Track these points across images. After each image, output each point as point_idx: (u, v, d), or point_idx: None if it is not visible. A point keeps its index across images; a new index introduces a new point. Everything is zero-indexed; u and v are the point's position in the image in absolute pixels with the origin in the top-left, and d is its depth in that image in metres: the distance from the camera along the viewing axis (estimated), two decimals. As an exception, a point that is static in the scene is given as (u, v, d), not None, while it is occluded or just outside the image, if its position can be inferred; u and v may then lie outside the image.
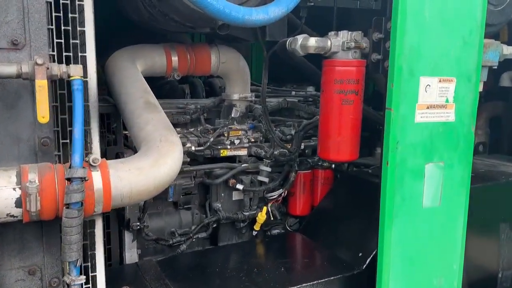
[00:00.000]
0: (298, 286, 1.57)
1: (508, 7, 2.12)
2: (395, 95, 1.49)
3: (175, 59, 1.86)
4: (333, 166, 2.23)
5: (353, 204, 2.07)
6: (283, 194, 2.12)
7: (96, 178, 1.10)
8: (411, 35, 1.48)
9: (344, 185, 2.21)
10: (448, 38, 1.56)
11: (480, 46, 1.64)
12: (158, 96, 2.35)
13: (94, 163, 1.10)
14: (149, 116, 1.37)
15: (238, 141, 2.06)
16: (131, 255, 1.86)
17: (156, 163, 1.19)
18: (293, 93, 2.49)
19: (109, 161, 1.17)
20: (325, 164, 2.22)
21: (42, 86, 0.99)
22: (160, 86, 2.41)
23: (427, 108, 1.57)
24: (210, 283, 1.63)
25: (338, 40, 1.55)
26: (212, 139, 1.93)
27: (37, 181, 1.03)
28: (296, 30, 1.92)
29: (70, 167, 1.06)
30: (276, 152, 2.04)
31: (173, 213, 2.09)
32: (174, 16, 1.62)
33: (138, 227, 1.80)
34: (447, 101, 1.60)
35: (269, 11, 1.36)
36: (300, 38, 1.55)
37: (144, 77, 1.78)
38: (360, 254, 1.77)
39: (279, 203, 2.17)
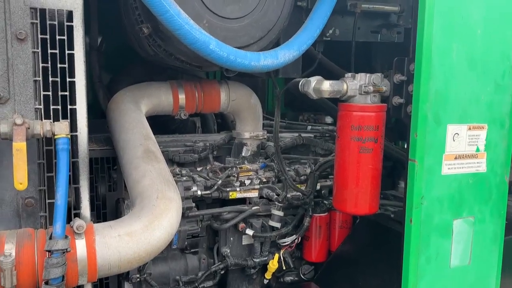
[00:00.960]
0: None
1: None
2: (419, 145, 1.33)
3: (182, 97, 1.76)
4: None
5: (373, 252, 1.90)
6: (296, 241, 1.97)
7: (80, 247, 0.99)
8: (437, 79, 1.33)
9: (363, 230, 2.04)
10: (478, 81, 1.40)
11: (515, 88, 1.48)
12: (167, 131, 2.25)
13: (79, 230, 0.99)
14: (146, 168, 1.26)
15: (249, 181, 1.93)
16: (131, 306, 1.73)
17: (149, 226, 1.07)
18: (309, 127, 2.35)
19: (96, 226, 1.05)
20: (342, 206, 2.06)
21: (19, 150, 0.90)
22: (170, 119, 2.32)
23: (455, 158, 1.41)
24: None
25: (355, 83, 1.41)
26: (220, 182, 1.81)
27: (13, 254, 0.92)
28: (313, 62, 1.80)
29: (50, 238, 0.95)
30: (289, 195, 1.90)
31: (178, 258, 1.96)
32: (180, 56, 1.52)
33: (138, 279, 1.68)
34: (477, 150, 1.44)
35: (278, 55, 1.24)
36: (313, 81, 1.42)
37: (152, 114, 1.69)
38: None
39: (293, 250, 2.01)
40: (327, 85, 1.38)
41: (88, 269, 0.99)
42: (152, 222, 1.08)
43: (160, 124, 2.15)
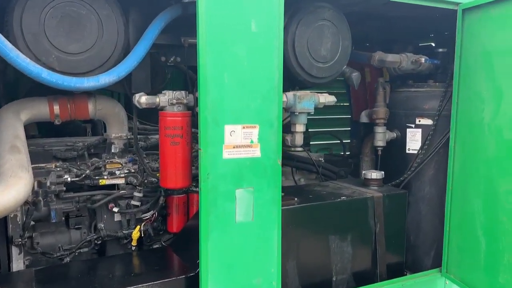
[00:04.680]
0: (136, 286, 2.04)
1: (336, 63, 2.69)
2: (202, 139, 2.00)
3: (56, 107, 2.35)
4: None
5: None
6: (155, 215, 2.60)
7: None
8: (213, 95, 2.00)
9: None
10: (249, 95, 2.09)
11: (280, 100, 2.18)
12: (62, 134, 2.83)
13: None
14: (9, 157, 1.85)
15: (118, 172, 2.55)
16: (17, 265, 2.30)
17: (1, 193, 1.66)
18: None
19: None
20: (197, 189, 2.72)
21: None
22: (65, 125, 2.91)
23: (234, 147, 2.08)
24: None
25: (166, 98, 2.08)
26: (88, 172, 2.42)
27: None
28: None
29: None
30: (146, 180, 2.53)
31: (64, 232, 2.55)
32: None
33: (20, 243, 2.25)
34: (252, 142, 2.12)
35: (100, 79, 1.88)
36: (138, 96, 2.08)
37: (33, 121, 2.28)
38: (198, 261, 2.24)
39: (152, 223, 2.64)
40: (144, 99, 2.04)
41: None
42: (3, 191, 1.67)
43: (56, 129, 2.73)
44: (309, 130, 4.86)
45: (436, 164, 3.02)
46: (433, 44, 3.72)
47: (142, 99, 2.04)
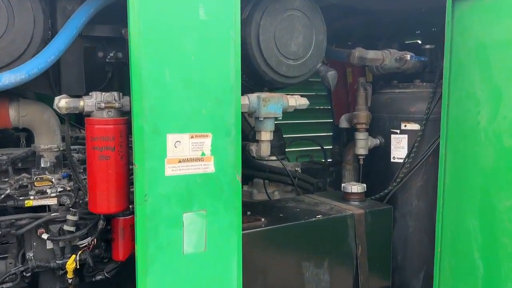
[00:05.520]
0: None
1: (309, 60, 2.31)
2: (137, 152, 1.60)
3: (-29, 114, 1.93)
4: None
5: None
6: (94, 242, 2.18)
7: None
8: (151, 98, 1.60)
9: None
10: (197, 98, 1.70)
11: (238, 103, 1.79)
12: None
13: None
14: None
15: (50, 190, 2.12)
16: None
17: None
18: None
19: None
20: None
21: None
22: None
23: (179, 162, 1.69)
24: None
25: (92, 101, 1.67)
26: (9, 191, 1.99)
27: None
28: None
29: None
30: (81, 201, 2.11)
31: (-13, 263, 2.11)
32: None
33: None
34: (203, 154, 1.73)
35: (2, 79, 1.47)
36: (57, 99, 1.66)
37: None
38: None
39: (92, 250, 2.22)
40: (63, 102, 1.63)
41: None
42: None
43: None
44: (288, 136, 4.53)
45: (425, 174, 2.66)
46: (420, 42, 3.40)
47: (61, 103, 1.63)
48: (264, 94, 2.05)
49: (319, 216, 2.27)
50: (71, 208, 2.10)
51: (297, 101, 2.16)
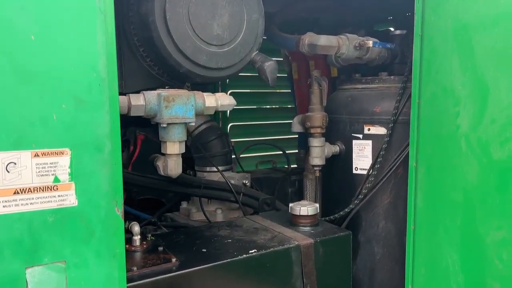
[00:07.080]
0: None
1: (239, 46, 1.77)
2: None
3: None
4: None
5: None
6: None
7: None
8: (-42, 96, 1.05)
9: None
10: (43, 98, 1.14)
11: (114, 103, 1.24)
12: None
13: None
14: None
15: None
16: None
17: None
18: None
19: None
20: None
21: None
22: None
23: (16, 193, 1.13)
24: None
25: None
26: None
27: None
28: None
29: None
30: None
31: None
32: None
33: None
34: (57, 180, 1.18)
35: None
36: None
37: None
38: None
39: None
40: None
41: None
42: None
43: None
44: (246, 139, 4.01)
45: (394, 189, 2.15)
46: (392, 29, 2.89)
47: None
48: (168, 91, 1.50)
49: (253, 250, 1.73)
50: None
51: (218, 100, 1.62)
